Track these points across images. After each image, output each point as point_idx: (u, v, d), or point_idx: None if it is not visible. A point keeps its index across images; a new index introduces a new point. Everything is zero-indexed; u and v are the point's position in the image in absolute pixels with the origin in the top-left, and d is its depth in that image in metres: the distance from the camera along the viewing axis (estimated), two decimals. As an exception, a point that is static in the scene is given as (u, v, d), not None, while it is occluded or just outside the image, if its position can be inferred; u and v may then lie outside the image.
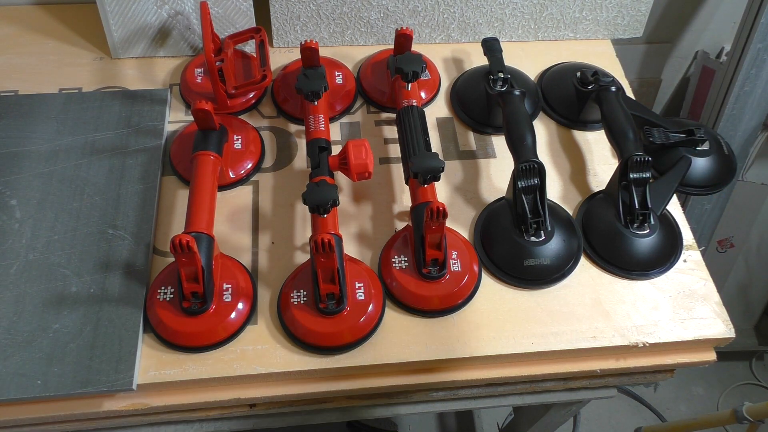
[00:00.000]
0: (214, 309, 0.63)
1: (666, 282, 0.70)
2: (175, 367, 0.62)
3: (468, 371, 0.66)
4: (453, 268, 0.67)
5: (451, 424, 1.51)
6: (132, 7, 0.81)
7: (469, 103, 0.82)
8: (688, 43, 1.22)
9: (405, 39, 0.77)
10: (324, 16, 0.86)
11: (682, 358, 0.68)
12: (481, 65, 0.85)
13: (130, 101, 0.79)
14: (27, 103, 0.78)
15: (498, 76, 0.78)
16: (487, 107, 0.80)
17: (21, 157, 0.73)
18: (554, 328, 0.66)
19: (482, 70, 0.81)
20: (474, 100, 0.82)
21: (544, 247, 0.68)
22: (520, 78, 0.84)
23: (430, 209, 0.60)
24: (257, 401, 0.65)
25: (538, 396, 0.74)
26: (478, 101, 0.81)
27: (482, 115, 0.81)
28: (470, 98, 0.82)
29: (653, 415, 1.60)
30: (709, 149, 0.77)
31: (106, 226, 0.68)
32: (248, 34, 0.82)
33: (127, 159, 0.74)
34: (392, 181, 0.76)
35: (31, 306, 0.63)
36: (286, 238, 0.71)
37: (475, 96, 0.81)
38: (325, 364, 0.63)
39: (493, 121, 0.80)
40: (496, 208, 0.73)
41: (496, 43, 0.81)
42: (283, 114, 0.81)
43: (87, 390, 0.58)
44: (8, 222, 0.68)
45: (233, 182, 0.74)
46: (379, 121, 0.82)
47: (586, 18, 0.91)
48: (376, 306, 0.65)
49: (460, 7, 0.87)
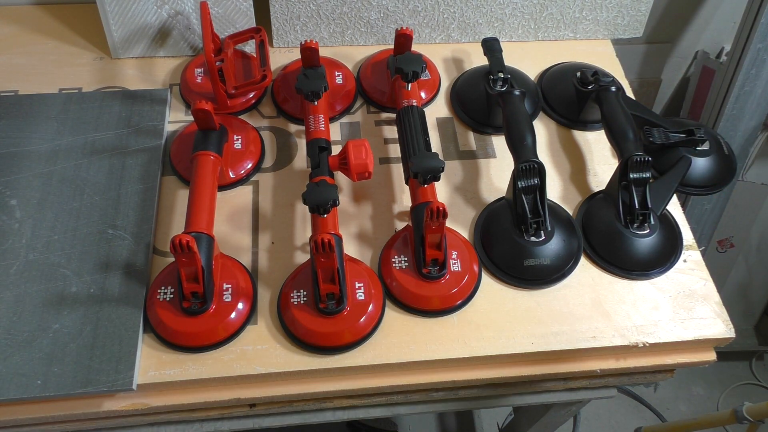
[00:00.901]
0: (214, 309, 0.63)
1: (666, 282, 0.70)
2: (175, 367, 0.62)
3: (468, 371, 0.66)
4: (453, 268, 0.67)
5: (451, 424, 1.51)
6: (132, 7, 0.81)
7: (469, 103, 0.82)
8: (688, 43, 1.22)
9: (405, 39, 0.77)
10: (324, 16, 0.86)
11: (682, 358, 0.68)
12: (481, 65, 0.85)
13: (130, 101, 0.79)
14: (27, 103, 0.78)
15: (498, 76, 0.78)
16: (487, 107, 0.80)
17: (21, 157, 0.73)
18: (554, 328, 0.66)
19: (482, 70, 0.81)
20: (474, 100, 0.82)
21: (544, 247, 0.68)
22: (520, 78, 0.84)
23: (430, 209, 0.60)
24: (257, 401, 0.65)
25: (538, 396, 0.74)
26: (478, 101, 0.81)
27: (482, 115, 0.81)
28: (470, 98, 0.82)
29: (653, 415, 1.60)
30: (709, 149, 0.77)
31: (106, 226, 0.68)
32: (248, 34, 0.82)
33: (127, 159, 0.74)
34: (392, 181, 0.76)
35: (31, 306, 0.63)
36: (286, 238, 0.71)
37: (475, 96, 0.81)
38: (325, 364, 0.63)
39: (493, 121, 0.80)
40: (496, 208, 0.73)
41: (496, 43, 0.81)
42: (283, 114, 0.81)
43: (87, 390, 0.58)
44: (8, 222, 0.68)
45: (233, 182, 0.74)
46: (379, 121, 0.82)
47: (586, 18, 0.91)
48: (376, 306, 0.65)
49: (460, 7, 0.87)
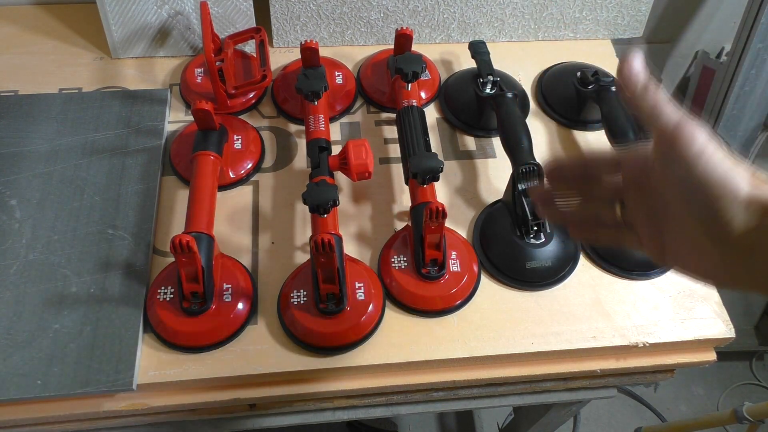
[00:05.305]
0: (214, 309, 0.63)
1: (666, 282, 0.70)
2: (175, 367, 0.62)
3: (468, 371, 0.66)
4: (452, 268, 0.67)
5: (451, 424, 1.51)
6: (132, 7, 0.81)
7: (459, 106, 0.82)
8: (688, 43, 1.22)
9: (405, 39, 0.77)
10: (324, 16, 0.86)
11: (682, 358, 0.68)
12: (468, 68, 0.85)
13: (130, 101, 0.79)
14: (27, 103, 0.78)
15: (488, 78, 0.78)
16: (477, 110, 0.80)
17: (21, 157, 0.73)
18: (554, 328, 0.66)
19: (470, 73, 0.81)
20: (464, 103, 0.81)
21: (544, 249, 0.68)
22: (508, 80, 0.84)
23: (430, 209, 0.60)
24: (257, 401, 0.65)
25: (538, 396, 0.74)
26: (468, 104, 0.81)
27: (472, 118, 0.81)
28: (459, 101, 0.82)
29: (653, 415, 1.60)
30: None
31: (106, 226, 0.68)
32: (248, 34, 0.82)
33: (127, 159, 0.74)
34: (392, 181, 0.76)
35: (31, 306, 0.63)
36: (286, 238, 0.71)
37: (465, 99, 0.81)
38: (325, 364, 0.63)
39: (486, 124, 0.80)
40: (495, 210, 0.73)
41: (483, 45, 0.81)
42: (283, 114, 0.81)
43: (87, 390, 0.58)
44: (8, 222, 0.68)
45: (233, 182, 0.74)
46: (379, 121, 0.82)
47: (586, 18, 0.91)
48: (376, 306, 0.65)
49: (460, 7, 0.87)
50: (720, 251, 0.36)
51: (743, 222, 0.34)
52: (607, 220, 0.44)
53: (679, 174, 0.36)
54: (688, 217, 0.37)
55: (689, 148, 0.35)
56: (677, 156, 0.35)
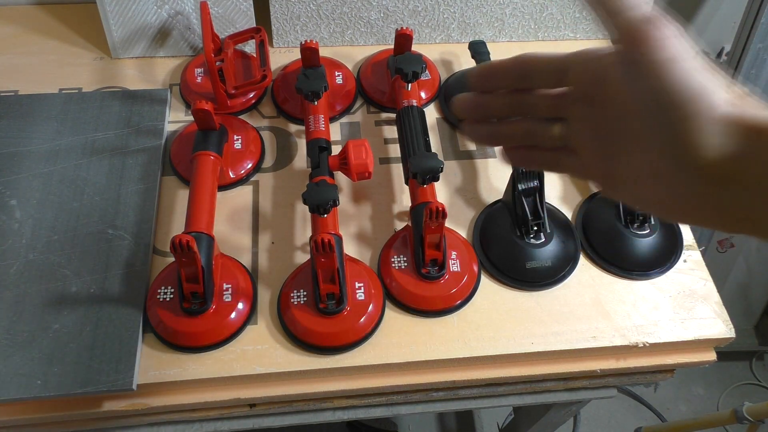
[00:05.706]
0: (214, 309, 0.63)
1: (666, 282, 0.70)
2: (175, 367, 0.62)
3: (468, 371, 0.66)
4: (452, 269, 0.67)
5: (451, 424, 1.51)
6: (132, 7, 0.81)
7: None
8: (688, 43, 1.21)
9: (405, 39, 0.77)
10: (324, 16, 0.86)
11: (682, 358, 0.68)
12: (469, 68, 0.85)
13: (130, 101, 0.79)
14: (27, 103, 0.78)
15: None
16: None
17: (21, 157, 0.73)
18: (554, 328, 0.66)
19: None
20: None
21: (544, 249, 0.68)
22: None
23: (430, 209, 0.60)
24: (257, 401, 0.65)
25: (538, 396, 0.74)
26: None
27: None
28: None
29: (653, 415, 1.60)
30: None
31: (106, 226, 0.68)
32: (248, 34, 0.82)
33: (127, 159, 0.74)
34: (392, 181, 0.76)
35: (31, 306, 0.63)
36: (286, 238, 0.71)
37: None
38: (325, 364, 0.63)
39: None
40: (495, 210, 0.73)
41: (483, 45, 0.81)
42: (283, 114, 0.81)
43: (87, 390, 0.58)
44: (8, 222, 0.68)
45: (233, 182, 0.74)
46: (379, 121, 0.82)
47: (586, 18, 0.91)
48: (376, 306, 0.65)
49: (460, 7, 0.87)
50: (685, 180, 0.30)
51: (718, 146, 0.29)
52: (544, 140, 0.37)
53: (643, 84, 0.30)
54: (649, 137, 0.31)
55: (659, 53, 0.29)
56: (644, 61, 0.29)
